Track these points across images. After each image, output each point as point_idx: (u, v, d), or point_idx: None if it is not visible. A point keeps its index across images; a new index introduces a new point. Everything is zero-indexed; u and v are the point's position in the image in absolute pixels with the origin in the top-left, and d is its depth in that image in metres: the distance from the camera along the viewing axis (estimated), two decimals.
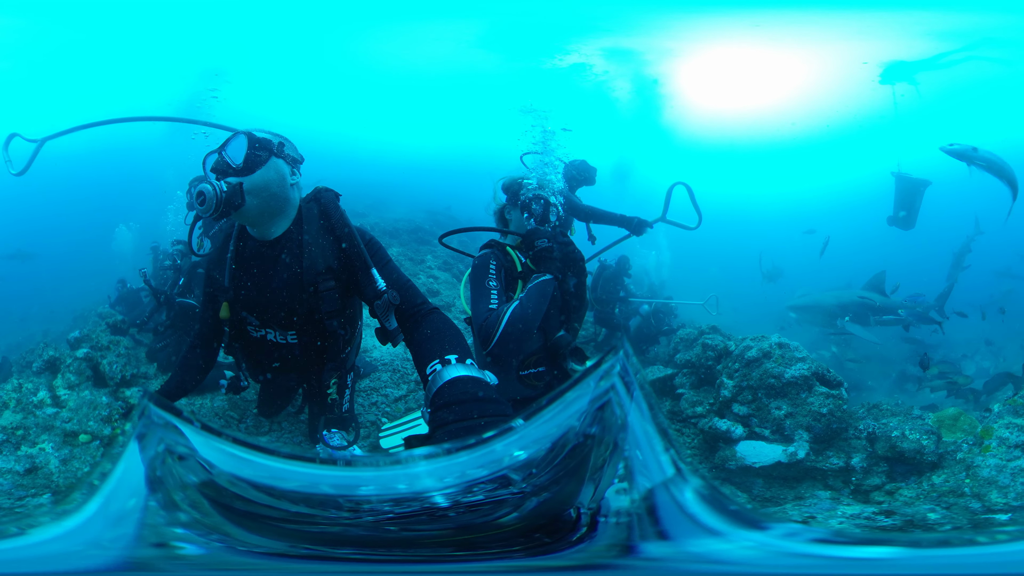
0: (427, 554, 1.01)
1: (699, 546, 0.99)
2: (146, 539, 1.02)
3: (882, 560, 1.04)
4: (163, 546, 1.01)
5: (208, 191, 1.91)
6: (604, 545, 0.99)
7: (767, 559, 1.00)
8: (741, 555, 1.00)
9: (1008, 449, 3.00)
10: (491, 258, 2.56)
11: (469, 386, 1.41)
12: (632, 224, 4.84)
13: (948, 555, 1.10)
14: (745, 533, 1.02)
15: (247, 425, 3.62)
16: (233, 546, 1.02)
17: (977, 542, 1.17)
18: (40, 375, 3.66)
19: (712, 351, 4.26)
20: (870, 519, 2.36)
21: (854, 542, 1.12)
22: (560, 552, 0.99)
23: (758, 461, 3.45)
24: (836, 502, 3.19)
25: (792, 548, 1.02)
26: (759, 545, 1.01)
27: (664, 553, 0.99)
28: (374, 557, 1.01)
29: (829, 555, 1.04)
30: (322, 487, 1.03)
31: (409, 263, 8.67)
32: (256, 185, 2.00)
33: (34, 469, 2.86)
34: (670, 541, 1.00)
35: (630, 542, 0.99)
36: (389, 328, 2.08)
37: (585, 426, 1.02)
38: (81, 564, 1.02)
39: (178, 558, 1.01)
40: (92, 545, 1.03)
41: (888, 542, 1.12)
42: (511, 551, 1.00)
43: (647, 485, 1.03)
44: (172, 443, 1.05)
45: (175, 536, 1.02)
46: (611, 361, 1.02)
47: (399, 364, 4.52)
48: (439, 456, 0.99)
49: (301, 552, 1.01)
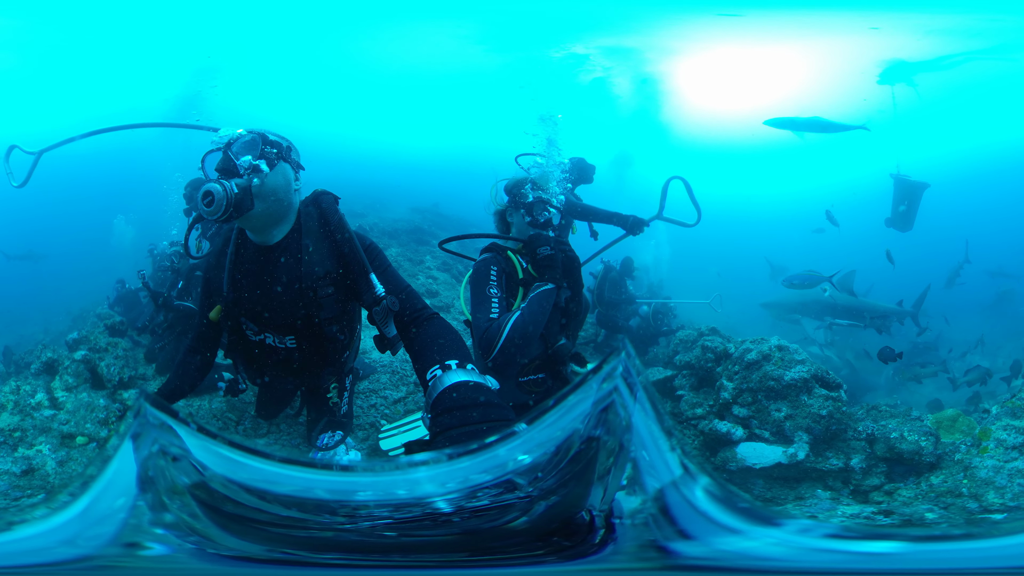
0: (434, 559, 1.00)
1: (729, 544, 1.00)
2: (121, 538, 1.01)
3: (891, 554, 1.05)
4: (133, 546, 1.00)
5: (217, 192, 1.83)
6: (634, 546, 0.99)
7: (800, 555, 1.01)
8: (774, 552, 1.00)
9: (1006, 450, 3.02)
10: (492, 263, 2.53)
11: (470, 391, 1.40)
12: (628, 223, 4.79)
13: (949, 549, 1.11)
14: (764, 530, 1.02)
15: (245, 427, 3.61)
16: (203, 548, 1.01)
17: (990, 534, 1.17)
18: (38, 377, 3.65)
19: (712, 353, 4.25)
20: (869, 519, 2.37)
21: (865, 536, 1.12)
22: (593, 555, 0.99)
23: (758, 462, 3.46)
24: (836, 502, 3.22)
25: (815, 544, 1.02)
26: (783, 542, 1.01)
27: (700, 552, 0.99)
28: (366, 563, 1.00)
29: (848, 550, 1.04)
30: (316, 492, 1.02)
31: (408, 264, 8.65)
32: (266, 188, 1.95)
33: (31, 471, 2.85)
34: (696, 540, 1.00)
35: (657, 543, 1.00)
36: (388, 335, 2.05)
37: (589, 428, 1.02)
38: (43, 559, 1.01)
39: (137, 558, 1.00)
40: (64, 543, 1.02)
41: (891, 537, 1.12)
42: (536, 555, 0.99)
43: (656, 486, 1.03)
44: (166, 444, 1.04)
45: (153, 536, 1.01)
46: (613, 363, 1.02)
47: (398, 366, 4.51)
48: (441, 462, 0.98)
49: (276, 557, 1.00)
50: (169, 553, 1.01)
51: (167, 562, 1.01)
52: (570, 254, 2.60)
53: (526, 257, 2.59)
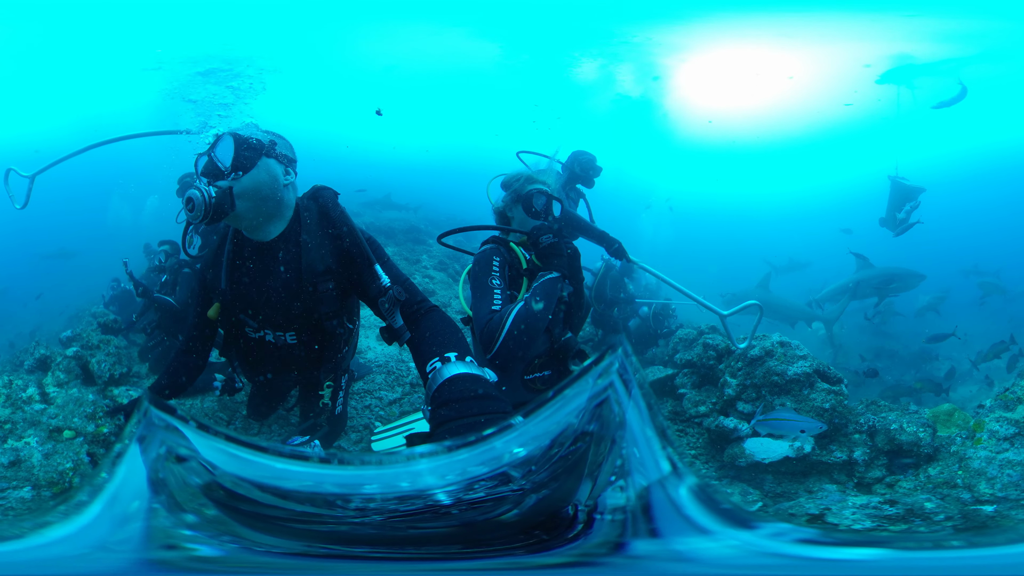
0: (438, 552, 1.00)
1: (684, 544, 1.00)
2: (156, 541, 1.00)
3: (864, 562, 1.04)
4: (175, 548, 0.99)
5: (197, 197, 1.83)
6: (596, 542, 0.99)
7: (744, 559, 1.00)
8: (720, 554, 1.00)
9: (998, 442, 3.11)
10: (495, 253, 2.43)
11: (468, 383, 1.41)
12: (613, 247, 4.47)
13: (932, 558, 1.10)
14: (733, 532, 1.02)
15: (236, 427, 3.60)
16: (249, 547, 1.00)
17: (965, 545, 1.17)
18: (31, 373, 3.70)
19: (713, 351, 4.27)
20: (877, 508, 2.44)
21: (839, 543, 1.11)
22: (556, 549, 0.99)
23: (767, 457, 3.49)
24: (844, 494, 3.27)
25: (773, 548, 1.02)
26: (743, 544, 1.01)
27: (649, 551, 0.99)
28: (389, 556, 1.00)
29: (809, 556, 1.04)
30: (326, 486, 1.02)
31: (404, 263, 8.64)
32: (246, 188, 1.93)
33: (17, 462, 2.89)
34: (659, 539, 1.00)
35: (622, 539, 0.99)
36: (395, 326, 2.00)
37: (583, 423, 1.02)
38: (91, 567, 0.99)
39: (198, 559, 0.99)
40: (98, 548, 1.01)
41: (875, 543, 1.12)
42: (513, 548, 0.99)
43: (643, 483, 1.03)
44: (173, 444, 1.03)
45: (183, 538, 1.00)
46: (610, 359, 1.02)
47: (394, 366, 4.48)
48: (440, 454, 0.99)
49: (319, 552, 1.00)
50: (222, 554, 0.99)
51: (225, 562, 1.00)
52: (572, 247, 2.50)
53: (530, 249, 2.50)
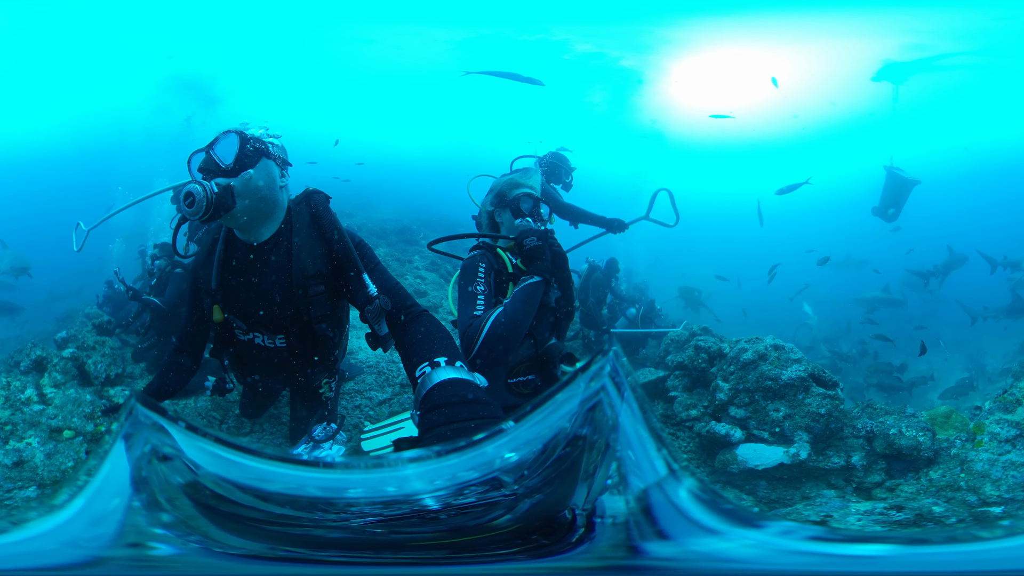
0: (419, 557, 0.99)
1: (703, 545, 0.99)
2: (124, 539, 0.99)
3: (879, 557, 1.04)
4: (137, 546, 0.99)
5: (198, 192, 1.82)
6: (607, 545, 0.98)
7: (771, 557, 0.99)
8: (746, 553, 0.99)
9: (999, 444, 3.05)
10: (480, 260, 2.43)
11: (458, 388, 1.39)
12: (613, 225, 4.75)
13: (941, 552, 1.10)
14: (742, 531, 1.01)
15: (228, 426, 3.61)
16: (210, 548, 0.99)
17: (978, 538, 1.16)
18: (28, 374, 3.71)
19: (705, 353, 4.19)
20: (884, 514, 2.38)
21: (847, 539, 1.11)
22: (565, 553, 0.98)
23: (760, 463, 3.40)
24: (844, 500, 3.20)
25: (792, 546, 1.01)
26: (759, 543, 1.00)
27: (671, 553, 0.98)
28: (360, 560, 0.99)
29: (829, 552, 1.03)
30: (309, 489, 1.01)
31: (396, 263, 8.64)
32: (247, 186, 1.92)
33: (21, 463, 2.94)
34: (672, 541, 0.99)
35: (631, 542, 0.98)
36: (380, 333, 2.01)
37: (576, 427, 1.01)
38: (54, 561, 1.00)
39: (148, 559, 0.98)
40: (69, 544, 1.01)
41: (881, 539, 1.11)
42: (510, 553, 0.98)
43: (640, 486, 1.02)
44: (158, 443, 1.02)
45: (153, 536, 1.00)
46: (601, 362, 1.00)
47: (384, 367, 4.47)
48: (429, 459, 0.97)
49: (279, 555, 0.99)
50: (178, 553, 0.99)
51: (175, 562, 0.99)
52: (557, 249, 2.47)
53: (516, 255, 2.49)
